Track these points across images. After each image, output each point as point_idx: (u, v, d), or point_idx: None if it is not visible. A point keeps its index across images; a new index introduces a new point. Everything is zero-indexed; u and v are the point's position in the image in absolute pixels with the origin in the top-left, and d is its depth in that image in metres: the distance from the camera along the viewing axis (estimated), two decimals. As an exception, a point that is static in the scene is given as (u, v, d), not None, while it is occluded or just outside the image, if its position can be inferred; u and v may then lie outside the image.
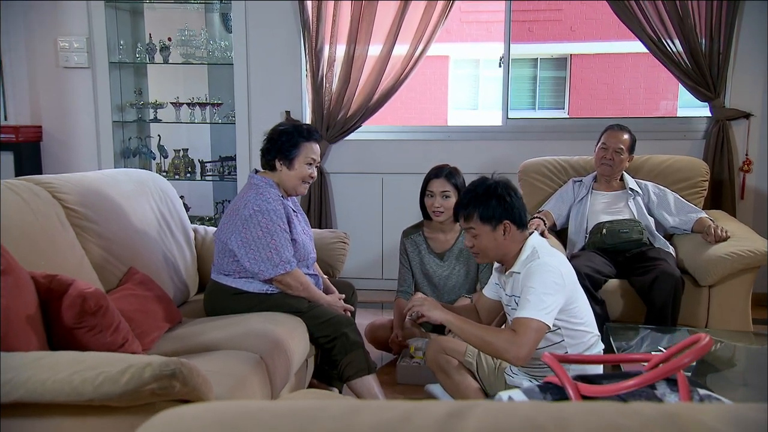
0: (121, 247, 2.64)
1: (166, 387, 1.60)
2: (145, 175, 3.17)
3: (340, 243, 3.32)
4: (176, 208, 3.21)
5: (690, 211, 3.57)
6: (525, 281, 2.35)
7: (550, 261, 2.37)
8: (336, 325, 2.74)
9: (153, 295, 2.58)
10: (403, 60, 4.50)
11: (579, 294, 2.48)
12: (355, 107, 4.54)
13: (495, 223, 2.40)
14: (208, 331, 2.52)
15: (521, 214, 2.44)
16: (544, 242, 2.52)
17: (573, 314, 2.42)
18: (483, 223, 2.41)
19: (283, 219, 2.75)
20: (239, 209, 2.76)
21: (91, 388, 1.55)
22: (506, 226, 2.40)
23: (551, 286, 2.31)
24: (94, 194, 2.64)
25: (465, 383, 2.67)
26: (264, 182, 2.83)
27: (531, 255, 2.40)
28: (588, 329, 2.48)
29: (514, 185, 2.50)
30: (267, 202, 2.73)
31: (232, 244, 2.74)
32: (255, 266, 2.71)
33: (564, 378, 1.16)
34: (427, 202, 3.38)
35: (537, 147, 4.39)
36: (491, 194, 2.41)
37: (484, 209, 2.40)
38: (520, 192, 2.55)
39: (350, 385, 2.72)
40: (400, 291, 3.53)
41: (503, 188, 2.43)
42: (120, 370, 1.58)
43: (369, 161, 4.67)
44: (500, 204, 2.39)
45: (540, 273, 2.32)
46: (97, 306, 1.98)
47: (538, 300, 2.28)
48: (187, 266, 3.10)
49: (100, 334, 2.00)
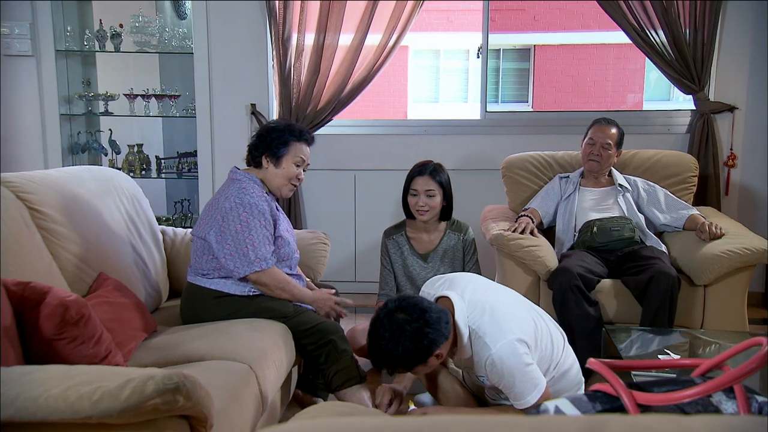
0: (90, 251, 2.57)
1: (169, 402, 1.57)
2: (110, 172, 3.10)
3: (321, 244, 3.30)
4: (143, 208, 3.14)
5: (681, 207, 3.65)
6: (493, 378, 2.29)
7: (502, 345, 2.24)
8: (323, 332, 2.72)
9: (127, 302, 2.53)
10: (375, 50, 4.49)
11: (532, 324, 2.38)
12: (325, 100, 4.52)
13: (423, 361, 2.27)
14: (190, 340, 2.47)
15: (442, 329, 2.25)
16: (474, 305, 2.37)
17: (537, 346, 2.35)
18: (410, 369, 2.31)
19: (265, 215, 2.73)
20: (219, 203, 2.74)
21: (89, 405, 1.51)
22: (437, 355, 2.27)
23: (521, 365, 2.23)
24: (59, 194, 2.57)
25: (454, 391, 2.68)
26: (247, 177, 2.82)
27: (474, 340, 2.31)
28: (553, 348, 2.45)
29: (419, 303, 2.27)
30: (249, 195, 2.72)
31: (210, 238, 2.72)
32: (230, 262, 2.69)
33: (619, 386, 1.17)
34: (410, 201, 3.38)
35: (517, 141, 4.43)
36: (401, 338, 2.21)
37: (405, 359, 2.25)
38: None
39: (339, 396, 2.70)
40: (381, 294, 3.52)
41: (411, 321, 2.22)
42: (119, 384, 1.54)
43: (341, 157, 4.66)
44: (418, 345, 2.21)
45: (504, 366, 2.24)
46: (78, 315, 1.93)
47: (523, 386, 2.24)
48: (157, 270, 3.04)
49: (81, 346, 1.95)
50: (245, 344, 2.42)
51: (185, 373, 1.63)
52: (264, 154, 2.83)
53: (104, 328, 2.10)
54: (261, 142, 2.84)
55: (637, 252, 3.40)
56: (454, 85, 14.27)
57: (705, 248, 3.27)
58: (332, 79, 4.52)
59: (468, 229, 3.51)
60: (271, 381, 2.38)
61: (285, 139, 2.83)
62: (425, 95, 14.06)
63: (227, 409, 2.01)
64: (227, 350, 2.37)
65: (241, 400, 2.13)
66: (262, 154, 2.83)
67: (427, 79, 14.06)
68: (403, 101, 13.42)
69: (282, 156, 2.83)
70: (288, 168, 2.84)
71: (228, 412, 2.01)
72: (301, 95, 4.50)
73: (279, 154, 2.82)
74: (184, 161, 4.94)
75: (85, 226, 2.61)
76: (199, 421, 1.72)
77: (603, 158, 3.65)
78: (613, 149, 3.66)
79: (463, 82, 14.14)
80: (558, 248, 3.63)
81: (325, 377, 2.72)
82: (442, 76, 14.09)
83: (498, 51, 13.93)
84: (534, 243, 3.34)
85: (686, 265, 3.33)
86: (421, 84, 13.94)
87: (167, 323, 2.78)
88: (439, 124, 4.77)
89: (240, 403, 2.12)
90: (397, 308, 2.26)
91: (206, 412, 1.70)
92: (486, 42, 4.64)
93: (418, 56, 13.83)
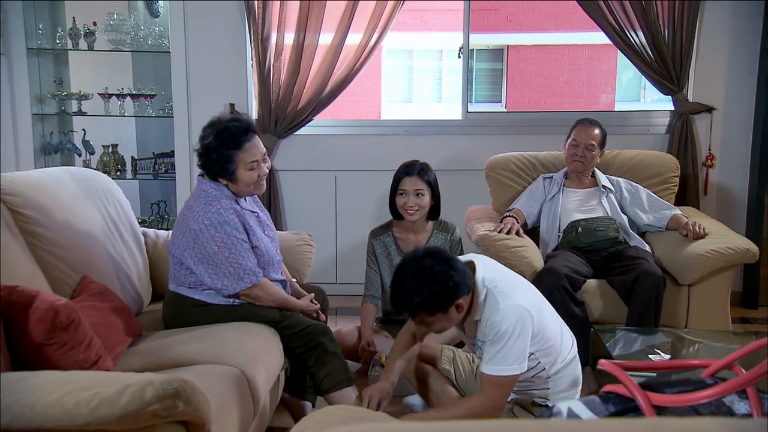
0: (73, 255, 2.53)
1: (169, 407, 1.55)
2: (91, 174, 3.05)
3: (306, 246, 3.28)
4: (125, 210, 3.10)
5: (664, 207, 3.70)
6: (489, 332, 2.29)
7: (510, 305, 2.27)
8: (312, 334, 2.70)
9: (112, 306, 2.49)
10: (356, 49, 4.49)
11: (546, 312, 2.44)
12: (306, 100, 4.50)
13: (446, 308, 2.25)
14: (177, 344, 2.45)
15: (467, 280, 2.28)
16: (494, 271, 2.41)
17: (545, 337, 2.38)
18: (433, 314, 2.26)
19: (238, 229, 2.66)
20: (188, 222, 2.64)
21: (87, 411, 1.49)
22: (458, 305, 2.27)
23: (517, 332, 2.24)
24: (41, 196, 2.52)
25: (445, 392, 2.69)
26: (213, 188, 2.69)
27: (488, 299, 2.32)
28: (561, 340, 2.47)
29: (445, 252, 2.34)
30: (218, 214, 2.62)
31: (186, 260, 2.65)
32: (217, 282, 2.64)
33: (634, 388, 1.17)
34: (398, 202, 3.38)
35: (500, 142, 4.45)
36: (429, 278, 2.21)
37: (429, 301, 2.22)
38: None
39: (329, 398, 2.69)
40: (367, 296, 3.52)
41: (438, 263, 2.24)
42: (117, 390, 1.52)
43: (321, 158, 4.64)
44: (444, 287, 2.21)
45: (504, 323, 2.25)
46: (68, 320, 1.90)
47: (506, 353, 2.25)
48: (139, 274, 3.00)
49: (71, 351, 1.92)
50: (235, 348, 2.40)
51: (184, 377, 1.61)
52: (217, 175, 2.68)
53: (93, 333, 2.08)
54: (206, 164, 2.67)
55: (622, 252, 3.43)
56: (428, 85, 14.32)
57: (689, 248, 3.33)
58: (312, 79, 4.50)
59: (455, 229, 3.53)
60: (262, 385, 2.37)
61: (226, 154, 2.62)
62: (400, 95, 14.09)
63: (220, 414, 1.99)
64: (217, 354, 2.35)
65: (234, 405, 2.11)
66: (214, 174, 2.69)
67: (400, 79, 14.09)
68: (377, 101, 13.43)
69: (233, 171, 2.65)
70: (245, 177, 2.67)
71: (221, 417, 2.00)
72: (281, 95, 4.48)
73: (229, 171, 2.65)
74: (160, 162, 4.88)
75: (67, 229, 2.57)
76: (197, 426, 1.71)
77: (587, 159, 3.69)
78: (596, 150, 3.70)
79: (437, 82, 14.19)
80: (542, 249, 3.65)
81: (314, 380, 2.70)
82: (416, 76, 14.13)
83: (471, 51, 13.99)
84: (520, 243, 3.36)
85: (670, 265, 3.38)
86: (394, 84, 13.96)
87: (151, 327, 2.74)
88: (420, 125, 4.78)
89: (233, 408, 2.10)
90: (424, 255, 2.27)
91: (204, 418, 1.69)
92: (467, 42, 4.67)
93: (391, 56, 13.86)
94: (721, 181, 4.57)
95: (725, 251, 3.22)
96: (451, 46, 13.97)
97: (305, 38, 4.43)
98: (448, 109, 12.62)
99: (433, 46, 13.95)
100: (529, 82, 14.15)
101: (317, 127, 4.66)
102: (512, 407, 2.52)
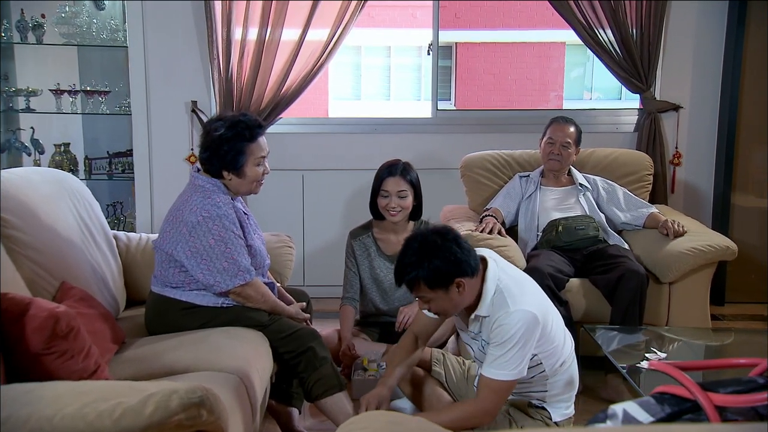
0: (50, 259, 2.46)
1: (194, 416, 1.54)
2: (60, 174, 2.97)
3: (286, 248, 3.27)
4: (95, 212, 3.03)
5: (640, 206, 3.79)
6: (495, 334, 2.31)
7: (520, 310, 2.28)
8: (301, 339, 2.69)
9: (96, 312, 2.44)
10: (321, 46, 4.49)
11: (551, 312, 2.47)
12: (269, 97, 4.46)
13: (446, 285, 2.27)
14: (168, 351, 2.41)
15: (471, 261, 2.30)
16: (505, 269, 2.44)
17: (549, 338, 2.41)
18: (432, 289, 2.28)
19: (236, 224, 2.67)
20: (184, 215, 2.63)
21: (110, 423, 1.46)
22: (459, 283, 2.27)
23: (523, 339, 2.26)
24: (13, 198, 2.44)
25: (436, 396, 2.70)
26: (210, 183, 2.70)
27: (497, 297, 2.33)
28: (564, 340, 2.51)
29: (454, 230, 2.38)
30: (217, 206, 2.62)
31: (178, 254, 2.62)
32: (209, 278, 2.61)
33: (695, 389, 1.18)
34: (380, 203, 3.39)
35: (469, 140, 4.49)
36: (432, 253, 2.25)
37: (429, 274, 2.24)
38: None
39: (320, 405, 2.67)
40: (346, 298, 3.52)
41: (444, 239, 2.28)
42: (141, 400, 1.49)
43: (287, 157, 4.58)
44: (445, 262, 2.24)
45: (512, 329, 2.26)
46: (68, 328, 1.86)
47: (509, 358, 2.26)
48: (114, 278, 2.93)
49: (71, 360, 1.87)
50: (229, 354, 2.38)
51: (206, 386, 1.59)
52: (223, 168, 2.69)
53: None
54: (214, 156, 2.68)
55: (603, 251, 3.51)
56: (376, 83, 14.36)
57: (669, 246, 3.42)
58: (275, 76, 4.46)
59: (438, 230, 3.55)
60: (258, 392, 2.35)
61: (239, 147, 2.67)
62: (346, 92, 14.09)
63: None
64: (212, 361, 2.32)
65: (237, 413, 2.09)
66: (220, 168, 2.69)
67: (348, 76, 14.09)
68: (324, 98, 13.38)
69: (242, 166, 2.69)
70: (252, 173, 2.72)
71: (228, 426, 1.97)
72: (244, 92, 4.43)
73: (239, 165, 2.68)
74: (116, 161, 4.77)
75: (43, 232, 2.50)
76: (215, 436, 1.68)
77: (563, 157, 3.75)
78: (572, 147, 3.77)
79: (385, 79, 14.25)
80: (521, 248, 3.69)
81: (304, 385, 2.68)
82: (364, 72, 14.15)
83: (420, 48, 14.09)
84: (503, 243, 3.40)
85: (651, 263, 3.47)
86: (342, 81, 13.96)
87: (133, 334, 2.69)
88: (389, 123, 4.80)
89: (237, 417, 2.08)
90: (432, 231, 2.33)
91: (224, 427, 1.67)
92: (437, 39, 4.71)
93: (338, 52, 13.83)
94: (687, 179, 4.72)
95: (706, 249, 3.33)
96: (399, 43, 14.07)
97: (267, 34, 4.38)
98: (397, 107, 12.70)
99: (382, 42, 14.00)
100: (478, 80, 14.31)
101: (282, 126, 4.61)
102: (508, 409, 2.55)
